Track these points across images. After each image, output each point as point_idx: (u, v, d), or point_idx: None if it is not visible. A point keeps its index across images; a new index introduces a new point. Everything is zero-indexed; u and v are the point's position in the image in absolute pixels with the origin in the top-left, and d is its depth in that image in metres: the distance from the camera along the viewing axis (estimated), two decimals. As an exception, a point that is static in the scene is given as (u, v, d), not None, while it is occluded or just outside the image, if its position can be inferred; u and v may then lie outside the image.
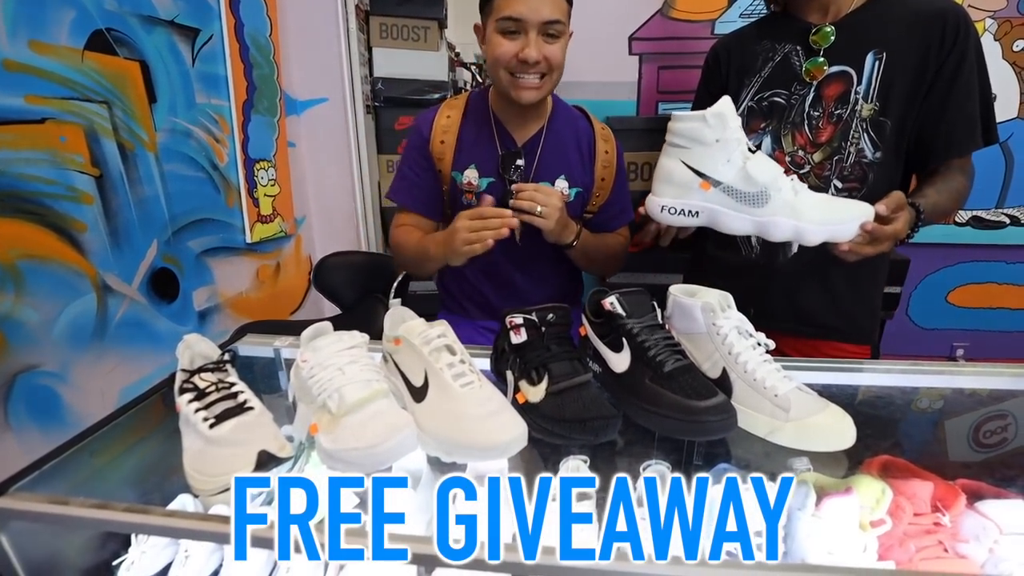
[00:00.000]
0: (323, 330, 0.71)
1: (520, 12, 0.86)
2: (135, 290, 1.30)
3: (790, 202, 0.74)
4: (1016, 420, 0.87)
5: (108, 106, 1.22)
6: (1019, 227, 1.90)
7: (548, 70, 0.91)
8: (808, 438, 0.65)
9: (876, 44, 0.90)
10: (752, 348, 0.70)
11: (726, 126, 0.74)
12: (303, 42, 1.98)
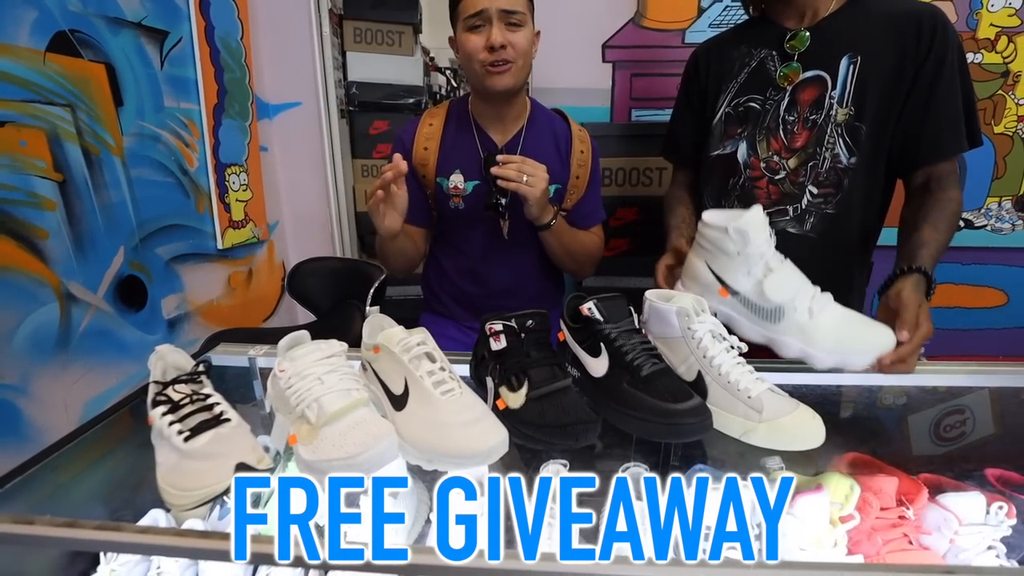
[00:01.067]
0: (300, 339, 0.70)
1: (481, 5, 0.92)
2: (101, 299, 1.26)
3: (802, 325, 0.72)
4: (973, 415, 0.91)
5: (72, 109, 1.18)
6: (972, 230, 2.00)
7: (514, 56, 0.96)
8: (780, 438, 0.66)
9: (850, 48, 0.90)
10: (726, 351, 0.71)
11: (748, 242, 0.74)
12: (275, 46, 1.95)
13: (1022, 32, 1.78)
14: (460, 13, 0.96)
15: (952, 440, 0.90)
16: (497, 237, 1.09)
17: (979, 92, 1.82)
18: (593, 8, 1.85)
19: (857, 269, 1.04)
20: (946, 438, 0.90)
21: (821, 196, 0.95)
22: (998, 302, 2.12)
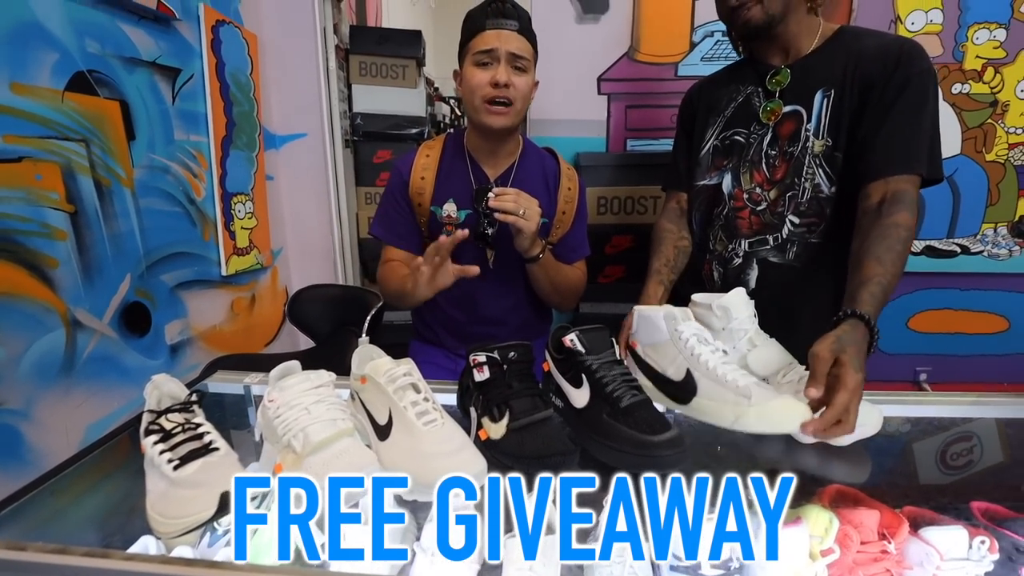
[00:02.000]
0: (291, 369, 0.73)
1: (492, 44, 0.99)
2: (106, 325, 1.30)
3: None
4: (964, 447, 0.91)
5: (86, 144, 1.24)
6: (969, 256, 2.00)
7: (515, 97, 1.01)
8: (770, 420, 0.66)
9: (825, 82, 0.93)
10: (712, 352, 0.73)
11: (730, 318, 0.78)
12: (283, 80, 2.03)
13: (1008, 63, 1.82)
14: (470, 49, 1.02)
15: (944, 471, 0.90)
16: (484, 265, 1.12)
17: (968, 121, 1.87)
18: (589, 42, 1.91)
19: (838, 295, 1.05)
20: (937, 469, 0.90)
21: (804, 225, 0.98)
22: (999, 328, 2.11)
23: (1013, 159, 1.91)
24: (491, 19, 0.99)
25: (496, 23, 0.99)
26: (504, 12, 0.99)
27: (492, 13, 0.99)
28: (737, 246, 1.04)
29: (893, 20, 1.83)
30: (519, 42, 1.00)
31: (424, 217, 1.13)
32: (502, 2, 1.01)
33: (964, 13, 1.81)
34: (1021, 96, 1.85)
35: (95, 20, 1.26)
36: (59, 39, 1.17)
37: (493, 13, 0.99)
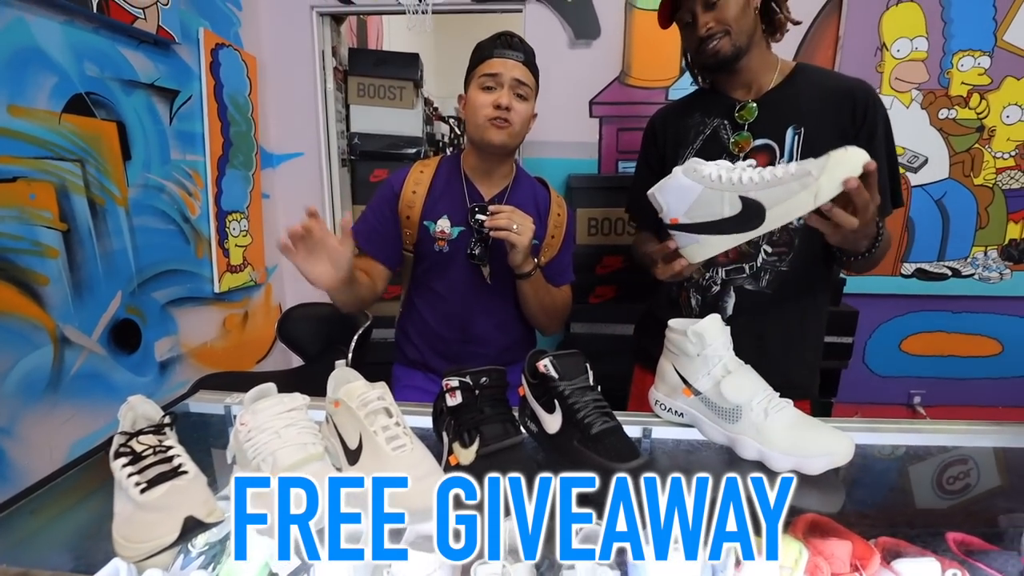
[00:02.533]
0: (266, 391, 0.73)
1: (498, 70, 1.05)
2: (95, 342, 1.31)
3: (758, 425, 0.75)
4: (943, 475, 0.90)
5: (81, 164, 1.26)
6: (960, 279, 2.01)
7: (515, 120, 1.06)
8: (843, 167, 0.69)
9: (794, 119, 0.97)
10: (747, 168, 0.76)
11: (705, 344, 0.79)
12: (281, 101, 2.07)
13: (993, 90, 1.85)
14: (477, 73, 1.07)
15: (922, 501, 0.89)
16: (480, 283, 1.15)
17: (956, 146, 1.89)
18: (581, 67, 1.95)
19: (812, 319, 1.09)
20: (915, 498, 0.89)
21: (775, 255, 1.02)
22: (993, 351, 2.11)
23: (1001, 183, 1.93)
24: (499, 49, 1.06)
25: (503, 53, 1.06)
26: (511, 44, 1.07)
27: (500, 44, 1.06)
28: (715, 275, 1.07)
29: (879, 47, 1.86)
30: (523, 71, 1.06)
31: (411, 230, 1.14)
32: (509, 36, 1.08)
33: (948, 41, 1.84)
34: (1007, 121, 1.88)
35: (95, 44, 1.29)
36: (58, 63, 1.20)
37: (501, 44, 1.06)
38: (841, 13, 1.86)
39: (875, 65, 1.88)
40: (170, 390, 1.54)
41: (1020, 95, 1.85)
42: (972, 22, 1.82)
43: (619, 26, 1.92)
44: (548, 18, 1.93)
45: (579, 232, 1.90)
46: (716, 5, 0.96)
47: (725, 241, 0.78)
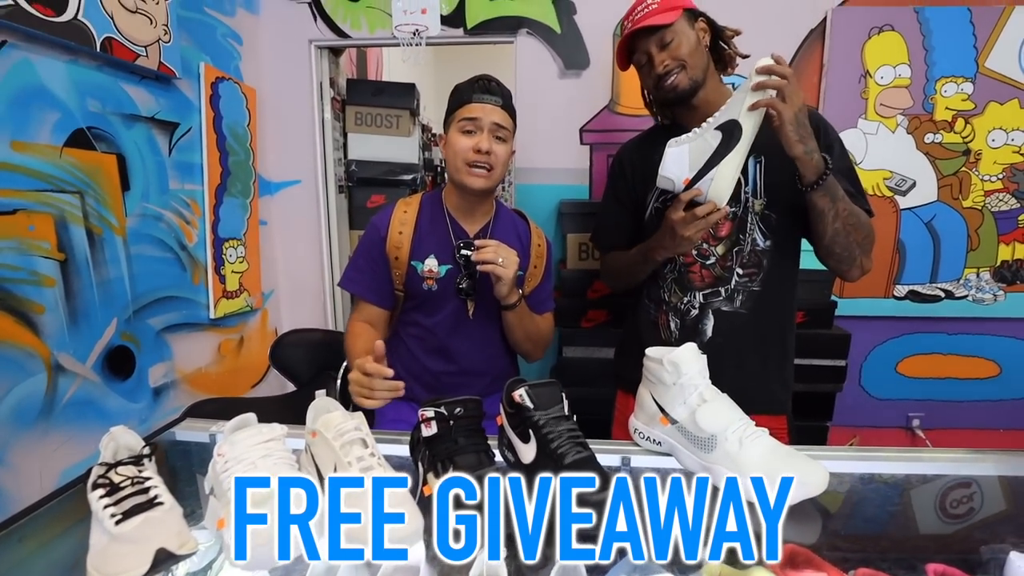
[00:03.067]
0: (246, 422, 0.75)
1: (477, 114, 1.08)
2: (89, 369, 1.32)
3: (732, 454, 0.76)
4: (924, 505, 0.90)
5: (81, 195, 1.30)
6: (953, 300, 2.01)
7: (494, 163, 1.10)
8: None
9: (754, 150, 1.00)
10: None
11: (680, 373, 0.81)
12: (280, 130, 2.12)
13: (977, 115, 1.88)
14: (456, 117, 1.11)
15: (902, 530, 0.88)
16: (464, 317, 1.18)
17: (943, 169, 1.91)
18: (571, 96, 2.00)
19: (786, 335, 1.13)
20: (895, 528, 0.88)
21: (747, 276, 1.06)
22: (991, 373, 2.10)
23: (990, 205, 1.94)
24: (477, 93, 1.09)
25: (481, 97, 1.09)
26: (489, 89, 1.10)
27: (479, 88, 1.10)
28: (692, 298, 1.10)
29: (863, 75, 1.90)
30: (501, 115, 1.10)
31: (400, 271, 1.16)
32: (487, 80, 1.12)
33: (931, 68, 1.88)
34: (993, 145, 1.90)
35: (97, 81, 1.34)
36: (61, 100, 1.25)
37: (480, 88, 1.10)
38: (824, 42, 1.91)
39: (859, 92, 1.91)
40: (163, 416, 1.55)
41: (1004, 119, 1.88)
42: (953, 50, 1.86)
43: (607, 57, 1.97)
44: (539, 49, 1.99)
45: (570, 257, 1.93)
46: (670, 44, 1.01)
47: (729, 162, 0.91)
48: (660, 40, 1.01)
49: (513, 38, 2.00)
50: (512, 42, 2.01)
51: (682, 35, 1.01)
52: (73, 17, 1.22)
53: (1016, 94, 1.87)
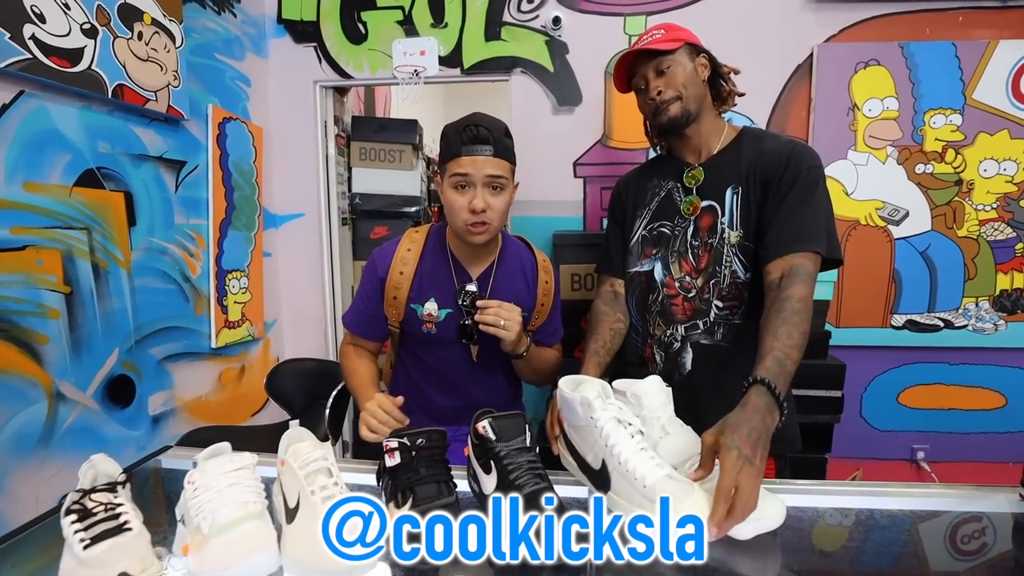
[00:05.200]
0: (220, 450, 0.78)
1: (467, 169, 1.00)
2: (89, 397, 1.37)
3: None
4: (889, 542, 0.88)
5: (88, 231, 1.37)
6: (953, 330, 1.98)
7: (492, 218, 1.04)
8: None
9: (733, 180, 1.04)
10: (630, 437, 0.74)
11: (642, 406, 0.82)
12: (285, 166, 2.21)
13: (967, 145, 1.89)
14: (448, 170, 1.03)
15: (867, 568, 0.86)
16: (468, 359, 1.17)
17: (936, 199, 1.92)
18: (565, 130, 2.07)
19: None
20: (859, 566, 0.86)
21: (727, 308, 1.06)
22: (996, 404, 2.05)
23: (986, 235, 1.94)
24: (467, 145, 0.99)
25: (471, 150, 0.99)
26: (478, 138, 0.99)
27: (467, 140, 0.99)
28: (675, 331, 1.11)
29: (851, 108, 1.94)
30: (495, 164, 1.01)
31: (398, 310, 1.14)
32: (475, 127, 1.00)
33: (918, 100, 1.91)
34: (985, 175, 1.91)
35: (108, 124, 1.43)
36: (73, 143, 1.34)
37: (468, 140, 0.99)
38: (812, 77, 1.95)
39: (848, 124, 1.95)
40: (162, 443, 1.58)
41: (995, 150, 1.89)
42: (940, 82, 1.89)
43: (599, 93, 2.04)
44: (533, 87, 2.07)
45: (563, 287, 1.95)
46: (666, 73, 1.05)
47: (579, 475, 0.81)
48: (657, 66, 1.04)
49: (508, 77, 2.09)
50: (507, 80, 2.09)
51: (680, 65, 1.04)
52: (88, 67, 1.31)
53: (1006, 125, 1.88)
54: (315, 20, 2.13)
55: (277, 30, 2.15)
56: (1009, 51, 1.86)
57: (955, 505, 0.88)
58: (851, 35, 1.93)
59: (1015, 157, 1.89)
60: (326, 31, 2.13)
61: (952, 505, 0.88)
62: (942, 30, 1.90)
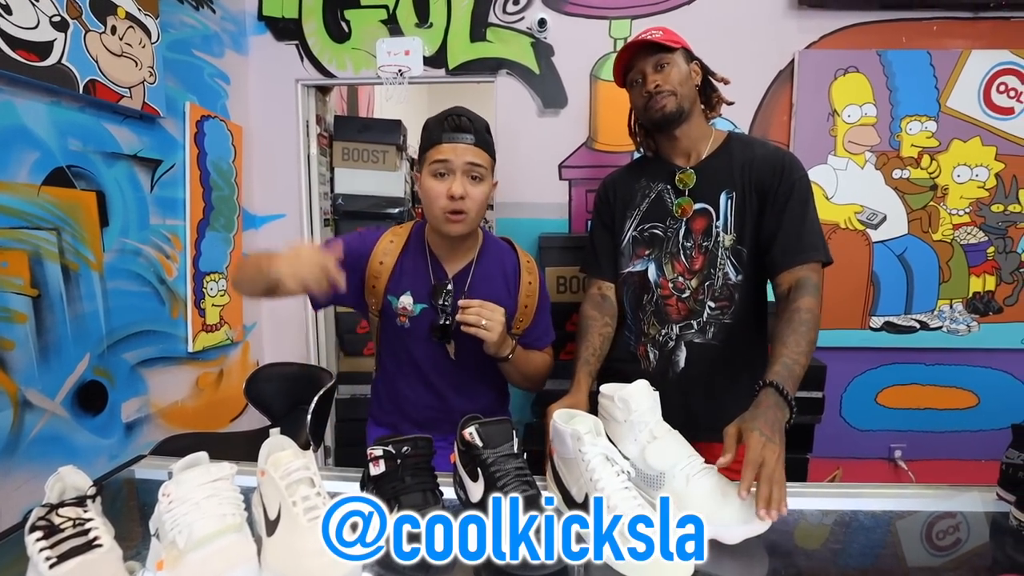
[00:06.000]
0: (197, 461, 0.75)
1: (447, 155, 1.01)
2: (58, 404, 1.32)
3: (679, 492, 0.76)
4: (877, 542, 0.89)
5: (57, 232, 1.32)
6: (929, 331, 2.03)
7: (471, 207, 1.03)
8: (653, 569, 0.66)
9: (727, 185, 1.07)
10: (615, 475, 0.74)
11: (630, 410, 0.81)
12: (266, 166, 2.17)
13: (942, 151, 1.94)
14: (427, 158, 1.03)
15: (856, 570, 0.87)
16: (445, 356, 1.14)
17: (912, 204, 1.96)
18: (550, 133, 2.06)
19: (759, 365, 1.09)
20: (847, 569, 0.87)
21: (718, 309, 1.09)
22: (969, 403, 2.10)
23: (959, 239, 1.99)
24: (447, 133, 1.01)
25: (452, 137, 1.00)
26: (460, 126, 1.01)
27: (448, 127, 1.01)
28: (669, 331, 1.13)
29: (830, 113, 1.97)
30: (475, 153, 1.02)
31: (376, 300, 1.13)
32: (457, 116, 1.02)
33: (895, 107, 1.95)
34: (958, 181, 1.96)
35: (79, 121, 1.38)
36: (42, 140, 1.28)
37: (449, 127, 1.01)
38: (793, 83, 1.98)
39: (828, 129, 1.98)
40: (134, 451, 1.53)
41: (968, 156, 1.94)
42: (915, 90, 1.94)
43: (585, 96, 2.04)
44: (518, 89, 2.06)
45: (548, 290, 1.94)
46: (664, 69, 1.06)
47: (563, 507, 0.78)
48: (657, 61, 1.06)
49: (493, 78, 2.07)
50: (492, 81, 2.08)
51: (677, 65, 1.06)
52: (57, 61, 1.27)
53: (977, 132, 1.93)
54: (297, 17, 2.09)
55: (257, 27, 2.11)
56: (981, 60, 1.91)
57: (935, 505, 0.90)
58: (831, 42, 1.96)
59: (986, 163, 1.94)
60: (308, 29, 2.09)
61: (932, 505, 0.90)
62: (918, 39, 1.94)
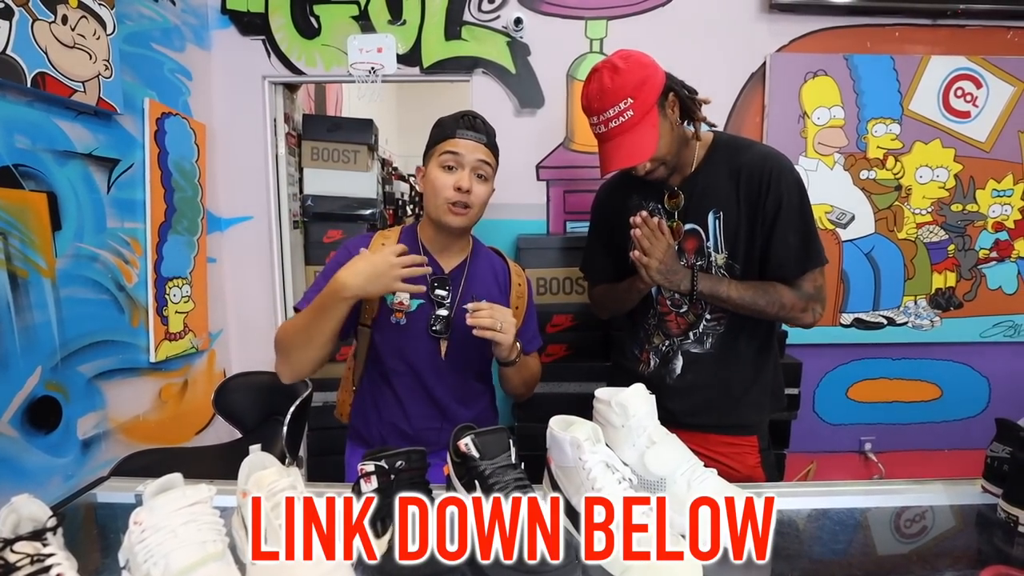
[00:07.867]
0: (171, 483, 0.69)
1: (460, 149, 1.04)
2: (6, 423, 1.21)
3: (681, 497, 0.75)
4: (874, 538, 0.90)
5: (3, 237, 1.21)
6: (895, 327, 2.10)
7: (474, 203, 1.06)
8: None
9: (714, 204, 1.05)
10: (617, 483, 0.72)
11: (628, 415, 0.79)
12: (231, 166, 2.07)
13: (905, 153, 2.01)
14: (438, 150, 1.06)
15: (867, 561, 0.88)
16: (435, 354, 1.12)
17: (878, 203, 2.02)
18: (527, 133, 2.04)
19: (758, 366, 1.14)
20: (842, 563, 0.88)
21: (714, 320, 1.10)
22: (933, 395, 2.19)
23: (923, 237, 2.06)
24: (462, 129, 1.05)
25: (465, 133, 1.04)
26: (475, 126, 1.06)
27: (464, 124, 1.05)
28: (671, 343, 1.15)
29: (801, 115, 2.02)
30: (485, 152, 1.06)
31: (371, 302, 1.11)
32: (473, 117, 1.07)
33: (862, 110, 2.01)
34: (921, 181, 2.04)
35: (27, 116, 1.28)
36: (-15, 136, 1.18)
37: (465, 124, 1.05)
38: (764, 85, 2.02)
39: (799, 131, 2.03)
40: (92, 470, 1.43)
41: (929, 158, 2.02)
42: (880, 93, 2.00)
43: (561, 96, 2.03)
44: (494, 88, 2.03)
45: (529, 291, 1.93)
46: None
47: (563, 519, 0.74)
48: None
49: (469, 77, 2.04)
50: (468, 80, 2.05)
51: (656, 138, 0.99)
52: (2, 52, 1.17)
53: (937, 135, 2.02)
54: (263, 12, 2.00)
55: (221, 21, 2.01)
56: (940, 66, 1.99)
57: (921, 500, 0.92)
58: (801, 46, 2.01)
59: (946, 164, 2.03)
60: (275, 24, 2.01)
61: (917, 500, 0.92)
62: (881, 44, 2.01)
